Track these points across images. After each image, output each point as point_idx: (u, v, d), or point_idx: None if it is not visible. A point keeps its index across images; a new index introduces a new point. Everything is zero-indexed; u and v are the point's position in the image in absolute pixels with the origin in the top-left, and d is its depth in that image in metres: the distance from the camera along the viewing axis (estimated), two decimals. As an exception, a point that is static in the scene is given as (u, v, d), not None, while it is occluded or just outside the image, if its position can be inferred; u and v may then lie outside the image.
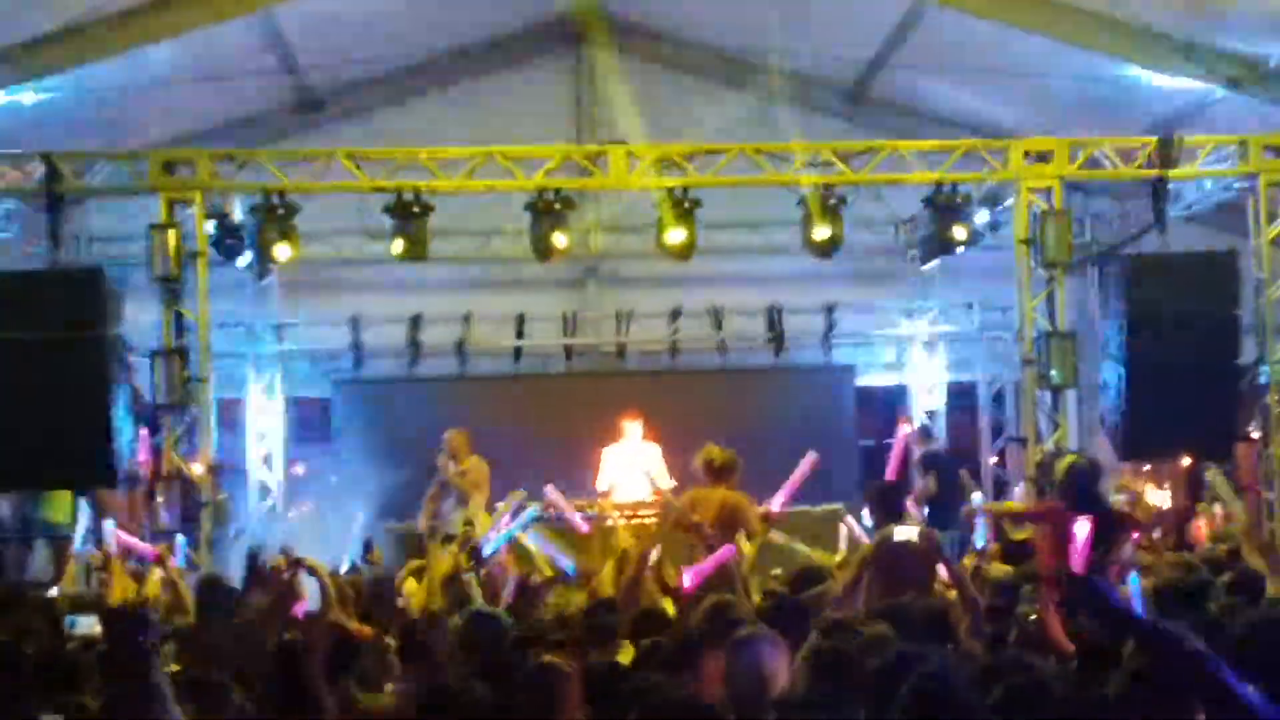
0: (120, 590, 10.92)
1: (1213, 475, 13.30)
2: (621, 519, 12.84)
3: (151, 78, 15.52)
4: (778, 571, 11.43)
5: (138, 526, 14.33)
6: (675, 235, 15.40)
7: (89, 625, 9.02)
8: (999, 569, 11.45)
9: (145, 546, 12.19)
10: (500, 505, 12.46)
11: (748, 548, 11.05)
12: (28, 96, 14.88)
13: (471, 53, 18.88)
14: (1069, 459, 13.29)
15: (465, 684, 5.91)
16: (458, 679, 6.39)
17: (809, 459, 11.74)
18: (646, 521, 13.47)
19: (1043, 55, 15.73)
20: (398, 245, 15.23)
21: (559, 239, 15.36)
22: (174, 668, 7.10)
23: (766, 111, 17.86)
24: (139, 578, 11.38)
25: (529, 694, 6.21)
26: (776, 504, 11.51)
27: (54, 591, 12.10)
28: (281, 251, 15.12)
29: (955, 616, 7.86)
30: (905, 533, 10.06)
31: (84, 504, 14.29)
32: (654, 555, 9.35)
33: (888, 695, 4.97)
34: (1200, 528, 15.95)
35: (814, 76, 18.61)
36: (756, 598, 9.33)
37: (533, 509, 11.81)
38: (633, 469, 15.75)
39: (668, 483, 15.08)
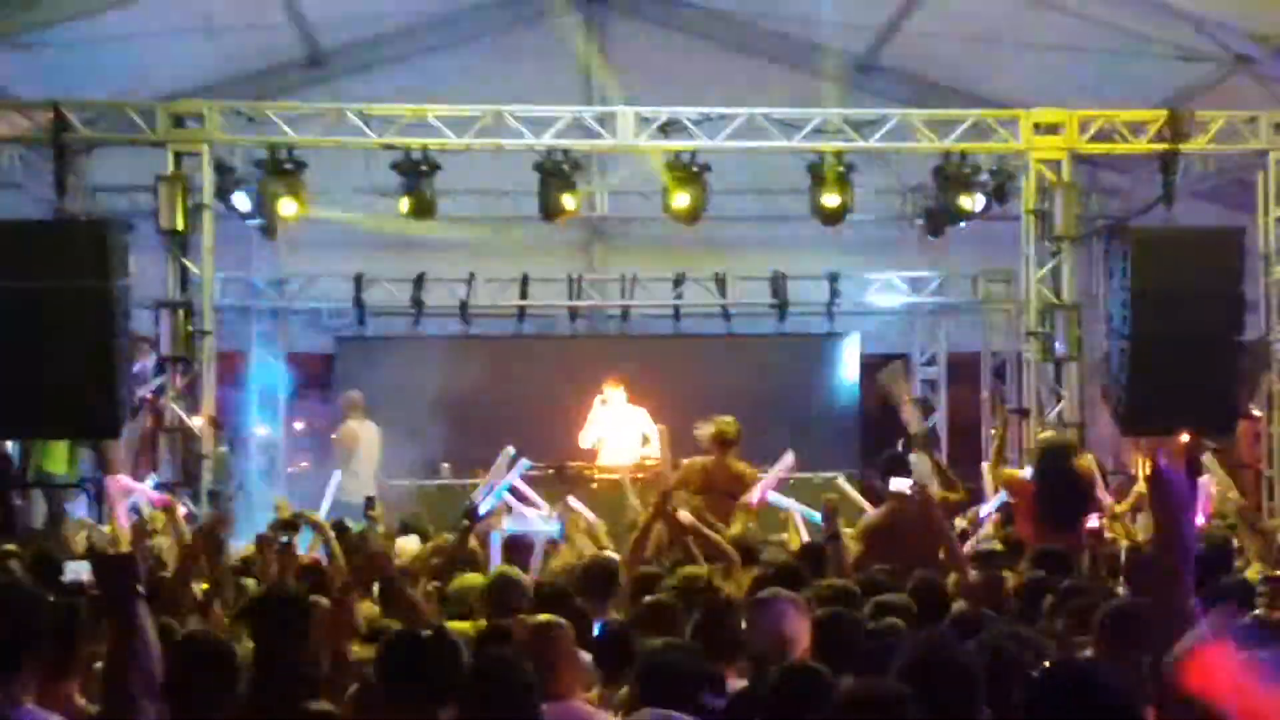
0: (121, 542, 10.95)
1: (1208, 459, 13.31)
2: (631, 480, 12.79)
3: (161, 29, 15.47)
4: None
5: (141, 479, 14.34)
6: (682, 199, 15.42)
7: (80, 572, 8.99)
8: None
9: (152, 493, 12.25)
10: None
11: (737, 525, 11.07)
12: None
13: (480, 11, 18.79)
14: (1045, 435, 13.44)
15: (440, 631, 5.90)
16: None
17: (787, 459, 11.66)
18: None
19: (1054, 27, 15.70)
20: (404, 203, 15.32)
21: (566, 200, 15.40)
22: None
23: (775, 77, 17.84)
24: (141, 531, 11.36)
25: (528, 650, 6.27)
26: (755, 498, 11.43)
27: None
28: (287, 206, 15.16)
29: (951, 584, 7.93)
30: (899, 484, 10.14)
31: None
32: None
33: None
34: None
35: (824, 43, 18.54)
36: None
37: (524, 463, 11.83)
38: (621, 430, 15.83)
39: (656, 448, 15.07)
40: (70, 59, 15.21)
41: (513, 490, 11.59)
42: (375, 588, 8.07)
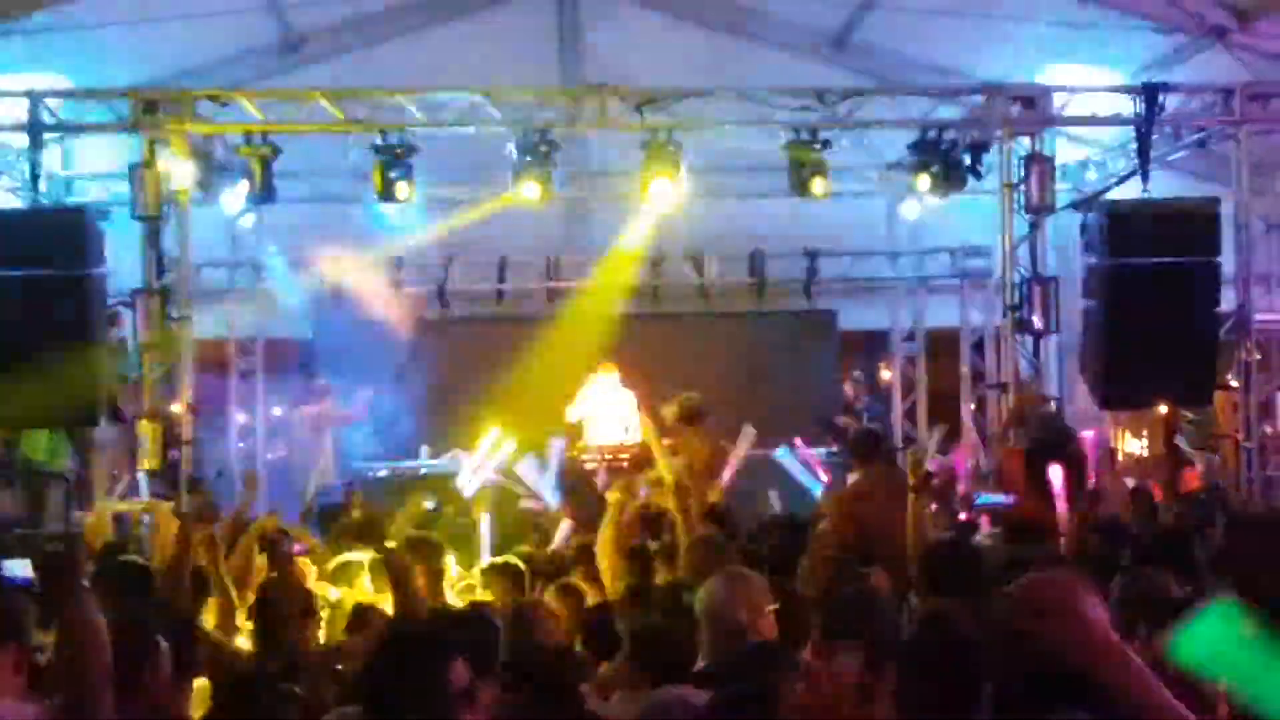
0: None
1: (1185, 426, 13.38)
2: (602, 462, 12.86)
3: (134, 15, 15.41)
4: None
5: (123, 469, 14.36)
6: (658, 178, 15.38)
7: (21, 569, 8.94)
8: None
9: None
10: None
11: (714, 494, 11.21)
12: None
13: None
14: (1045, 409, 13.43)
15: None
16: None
17: (748, 433, 11.91)
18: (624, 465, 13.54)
19: (1029, 0, 15.71)
20: (380, 186, 15.22)
21: (542, 181, 15.33)
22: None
23: (751, 55, 17.81)
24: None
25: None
26: (724, 479, 11.63)
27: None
28: (264, 192, 15.10)
29: None
30: None
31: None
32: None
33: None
34: (1194, 478, 16.02)
35: (799, 20, 18.53)
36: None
37: (509, 444, 11.84)
38: (608, 410, 15.85)
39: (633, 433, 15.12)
40: (42, 47, 15.14)
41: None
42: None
